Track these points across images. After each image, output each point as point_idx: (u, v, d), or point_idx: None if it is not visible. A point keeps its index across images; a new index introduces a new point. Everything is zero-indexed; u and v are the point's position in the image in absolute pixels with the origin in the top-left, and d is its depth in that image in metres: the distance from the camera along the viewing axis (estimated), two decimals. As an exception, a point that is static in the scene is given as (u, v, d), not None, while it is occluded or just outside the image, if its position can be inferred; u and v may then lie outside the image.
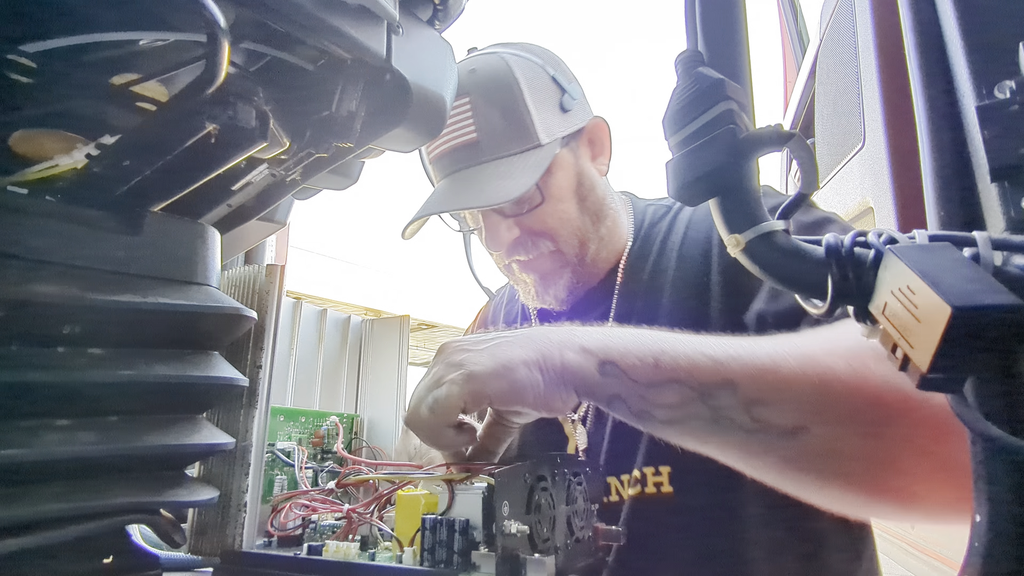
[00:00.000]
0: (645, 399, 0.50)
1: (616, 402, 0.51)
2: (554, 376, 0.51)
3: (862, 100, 0.98)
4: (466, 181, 0.76)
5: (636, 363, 0.50)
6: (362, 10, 0.43)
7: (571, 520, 0.53)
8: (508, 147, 0.76)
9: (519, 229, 0.79)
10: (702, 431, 0.49)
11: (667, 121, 0.38)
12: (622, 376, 0.50)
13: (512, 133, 0.76)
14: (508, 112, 0.76)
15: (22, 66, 0.40)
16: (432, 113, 0.51)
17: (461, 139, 0.77)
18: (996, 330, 0.27)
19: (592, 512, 0.57)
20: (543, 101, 0.78)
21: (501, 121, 0.76)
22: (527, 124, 0.76)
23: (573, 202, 0.80)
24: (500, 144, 0.76)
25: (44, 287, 0.40)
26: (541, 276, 0.82)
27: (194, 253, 0.49)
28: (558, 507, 0.51)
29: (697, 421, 0.48)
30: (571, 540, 0.52)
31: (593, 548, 0.55)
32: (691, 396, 0.48)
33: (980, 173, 0.34)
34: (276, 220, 0.70)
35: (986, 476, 0.31)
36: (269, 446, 0.67)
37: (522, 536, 0.44)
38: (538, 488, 0.49)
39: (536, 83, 0.78)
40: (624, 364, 0.51)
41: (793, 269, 0.34)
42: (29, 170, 0.45)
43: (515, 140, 0.76)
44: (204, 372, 0.48)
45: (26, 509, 0.39)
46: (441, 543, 0.44)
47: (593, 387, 0.51)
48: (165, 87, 0.47)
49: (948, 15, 0.36)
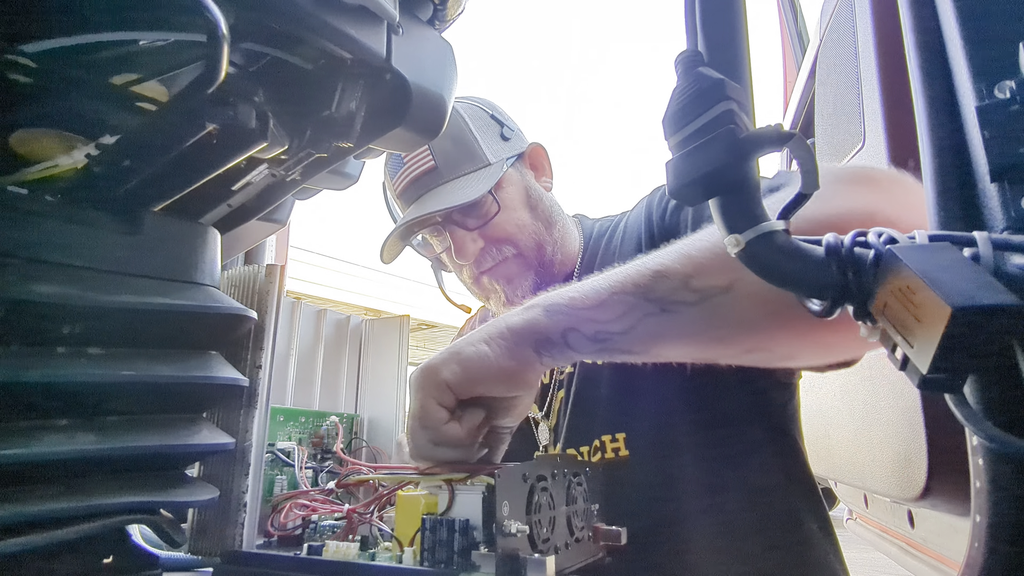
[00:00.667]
0: (596, 320, 0.53)
1: (572, 335, 0.54)
2: (503, 343, 0.55)
3: (862, 100, 0.98)
4: (429, 199, 0.90)
5: (576, 295, 0.55)
6: (362, 10, 0.43)
7: (571, 520, 0.53)
8: (462, 168, 0.91)
9: (483, 240, 0.93)
10: (658, 326, 0.53)
11: (667, 121, 0.38)
12: (568, 309, 0.54)
13: (464, 156, 0.92)
14: (458, 141, 0.92)
15: (22, 66, 0.40)
16: (432, 113, 0.51)
17: (421, 168, 0.92)
18: (996, 330, 0.27)
19: (592, 512, 0.57)
20: (485, 130, 0.95)
21: (453, 148, 0.92)
22: (475, 148, 0.93)
23: (525, 210, 0.94)
24: (455, 166, 0.91)
25: (44, 287, 0.40)
26: (507, 280, 0.93)
27: (194, 253, 0.49)
28: (558, 507, 0.51)
29: (650, 320, 0.52)
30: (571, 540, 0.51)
31: (593, 548, 0.55)
32: (634, 300, 0.52)
33: (980, 173, 0.34)
34: (276, 220, 0.70)
35: (986, 476, 0.31)
36: (269, 446, 0.67)
37: (522, 536, 0.44)
38: (538, 488, 0.49)
39: (478, 119, 0.95)
40: (566, 300, 0.55)
41: (793, 269, 0.34)
42: (29, 170, 0.45)
43: (467, 161, 0.92)
44: (204, 372, 0.48)
45: (26, 509, 0.39)
46: (441, 543, 0.44)
47: (545, 331, 0.54)
48: (165, 87, 0.47)
49: (948, 15, 0.37)
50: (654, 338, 0.54)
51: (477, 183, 0.89)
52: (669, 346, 0.55)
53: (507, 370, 0.54)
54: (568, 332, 0.54)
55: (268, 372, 0.57)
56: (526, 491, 0.48)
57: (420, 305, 7.41)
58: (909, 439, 0.64)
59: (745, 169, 0.35)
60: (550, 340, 0.55)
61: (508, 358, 0.54)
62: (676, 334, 0.54)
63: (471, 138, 0.93)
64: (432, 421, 0.53)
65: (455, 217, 0.91)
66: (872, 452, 0.77)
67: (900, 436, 0.67)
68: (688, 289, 0.51)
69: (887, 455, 0.72)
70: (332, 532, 0.58)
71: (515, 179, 0.95)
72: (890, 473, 0.71)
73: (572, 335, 0.54)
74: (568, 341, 0.54)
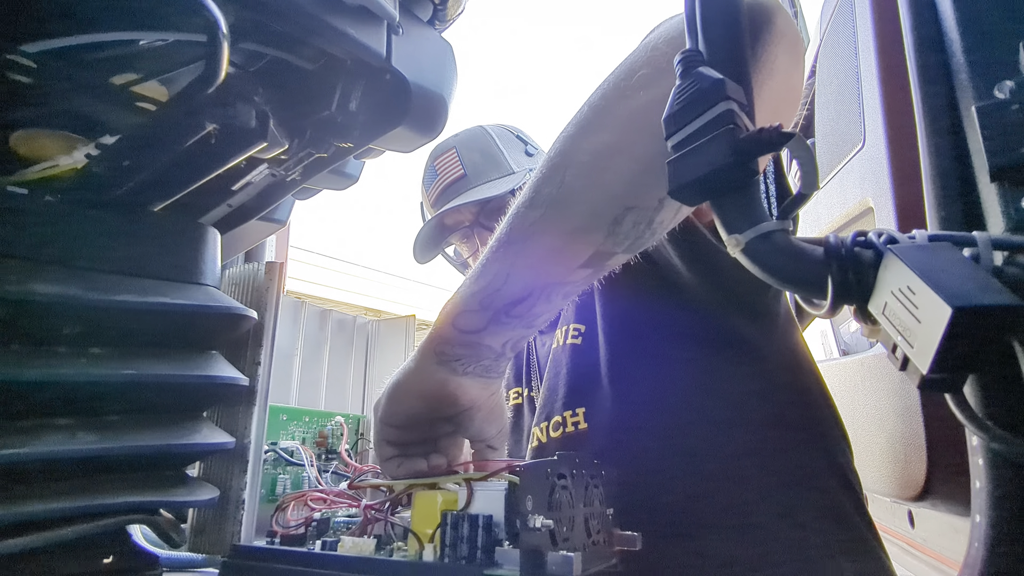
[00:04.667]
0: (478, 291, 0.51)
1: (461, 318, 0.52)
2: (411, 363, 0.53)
3: (862, 100, 0.98)
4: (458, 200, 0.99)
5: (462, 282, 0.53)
6: (362, 10, 0.43)
7: (588, 522, 0.52)
8: (489, 174, 1.01)
9: None
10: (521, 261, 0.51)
11: (667, 121, 0.38)
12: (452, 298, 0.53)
13: (490, 165, 1.02)
14: (485, 153, 1.03)
15: (22, 66, 0.40)
16: (432, 113, 0.51)
17: (452, 176, 1.02)
18: (996, 330, 0.27)
19: (607, 516, 0.56)
20: (510, 146, 1.05)
21: (481, 159, 1.02)
22: (500, 159, 1.02)
23: None
24: (482, 173, 1.01)
25: (45, 287, 0.40)
26: None
27: (194, 253, 0.49)
28: (576, 506, 0.50)
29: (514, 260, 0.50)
30: (588, 542, 0.51)
31: (608, 553, 0.54)
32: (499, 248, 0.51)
33: (980, 173, 0.34)
34: (276, 220, 0.70)
35: (986, 476, 0.31)
36: (272, 445, 0.67)
37: (546, 531, 0.44)
38: (558, 486, 0.49)
39: (503, 137, 1.07)
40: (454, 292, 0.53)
41: (793, 269, 0.34)
42: (29, 170, 0.45)
43: (493, 169, 1.01)
44: (204, 372, 0.48)
45: (26, 509, 0.39)
46: (463, 539, 0.44)
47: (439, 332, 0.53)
48: (165, 87, 0.47)
49: (948, 15, 0.37)
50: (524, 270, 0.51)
51: (502, 185, 0.98)
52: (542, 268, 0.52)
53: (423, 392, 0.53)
54: (457, 318, 0.52)
55: (267, 369, 0.57)
56: (548, 488, 0.47)
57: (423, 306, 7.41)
58: (909, 439, 0.64)
59: (745, 169, 0.35)
60: (444, 338, 0.52)
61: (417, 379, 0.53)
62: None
63: (497, 150, 1.03)
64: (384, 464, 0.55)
65: (482, 220, 0.98)
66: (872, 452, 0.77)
67: (900, 436, 0.67)
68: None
69: (887, 455, 0.72)
70: (347, 528, 0.57)
71: None
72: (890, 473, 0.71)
73: (461, 318, 0.52)
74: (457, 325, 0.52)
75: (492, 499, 0.46)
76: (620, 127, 0.49)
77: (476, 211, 0.99)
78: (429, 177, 1.05)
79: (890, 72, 0.90)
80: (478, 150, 1.03)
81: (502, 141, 1.05)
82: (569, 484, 0.50)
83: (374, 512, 0.54)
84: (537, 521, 0.43)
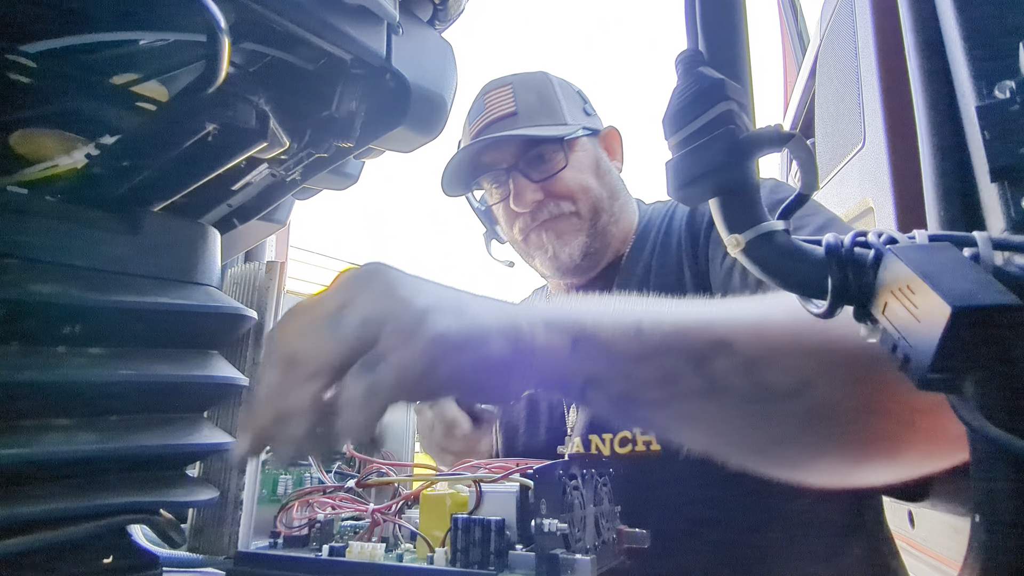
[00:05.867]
0: (629, 377, 0.41)
1: (593, 388, 0.42)
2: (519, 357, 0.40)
3: (862, 100, 0.98)
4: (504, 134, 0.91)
5: (615, 333, 0.41)
6: (362, 10, 0.43)
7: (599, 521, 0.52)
8: (540, 119, 0.92)
9: (543, 193, 0.92)
10: (695, 409, 0.43)
11: (667, 121, 0.38)
12: (600, 351, 0.41)
13: (544, 110, 0.93)
14: (542, 97, 0.94)
15: (22, 66, 0.40)
16: (432, 113, 0.51)
17: (501, 112, 0.94)
18: (996, 330, 0.27)
19: (615, 514, 0.56)
20: (570, 98, 0.97)
21: (536, 101, 0.94)
22: (556, 107, 0.94)
23: (592, 176, 0.94)
24: (534, 116, 0.93)
25: (44, 287, 0.40)
26: (558, 235, 0.93)
27: (194, 253, 0.49)
28: (587, 506, 0.50)
29: (690, 398, 0.41)
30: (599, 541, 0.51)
31: (617, 551, 0.54)
32: (683, 366, 0.41)
33: (980, 173, 0.34)
34: (276, 220, 0.70)
35: (986, 476, 0.31)
36: (271, 445, 0.66)
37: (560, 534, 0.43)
38: (570, 487, 0.48)
39: (564, 88, 0.98)
40: (602, 336, 0.41)
41: (793, 269, 0.34)
42: (29, 170, 0.45)
43: (546, 115, 0.93)
44: (204, 372, 0.48)
45: (26, 509, 0.39)
46: (475, 543, 0.43)
47: (564, 371, 0.42)
48: (165, 87, 0.47)
49: (948, 15, 0.36)
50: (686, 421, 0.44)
51: (553, 131, 0.91)
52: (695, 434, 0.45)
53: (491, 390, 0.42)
54: (590, 383, 0.42)
55: (268, 372, 0.57)
56: (560, 490, 0.47)
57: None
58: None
59: (745, 169, 0.35)
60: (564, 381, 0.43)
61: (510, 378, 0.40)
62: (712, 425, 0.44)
63: (555, 97, 0.95)
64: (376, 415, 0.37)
65: (521, 165, 0.91)
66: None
67: (900, 436, 0.67)
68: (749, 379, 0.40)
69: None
70: (355, 532, 0.56)
71: (588, 147, 0.96)
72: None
73: (593, 388, 0.42)
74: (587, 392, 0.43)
75: (503, 501, 0.45)
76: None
77: (517, 153, 0.91)
78: (475, 111, 0.97)
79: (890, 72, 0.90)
80: (535, 92, 0.95)
81: (562, 90, 0.97)
82: (580, 485, 0.50)
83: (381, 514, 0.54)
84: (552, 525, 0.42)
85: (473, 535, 0.43)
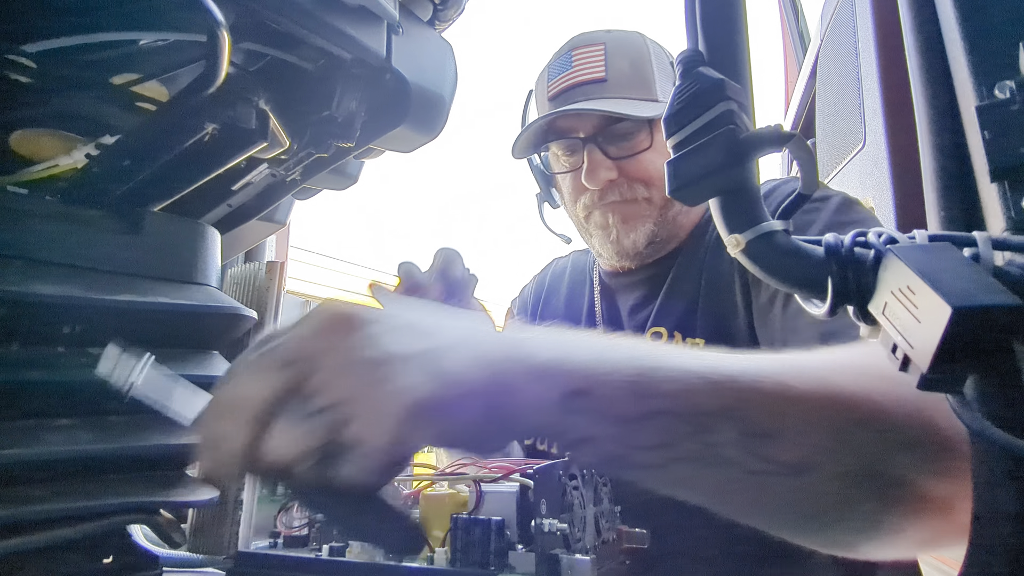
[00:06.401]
0: (623, 440, 0.38)
1: (584, 447, 0.39)
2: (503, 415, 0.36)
3: (862, 100, 0.98)
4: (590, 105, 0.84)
5: (613, 391, 0.37)
6: (362, 10, 0.43)
7: (599, 521, 0.52)
8: (630, 92, 0.85)
9: (617, 172, 0.86)
10: (688, 476, 0.39)
11: (667, 121, 0.38)
12: (594, 412, 0.37)
13: (636, 82, 0.86)
14: (636, 65, 0.87)
15: (22, 66, 0.40)
16: (432, 113, 0.51)
17: (590, 75, 0.86)
18: (996, 330, 0.27)
19: (615, 514, 0.56)
20: (663, 72, 0.89)
21: (629, 70, 0.86)
22: (650, 80, 0.86)
23: None
24: (624, 87, 0.85)
25: (44, 287, 0.40)
26: (624, 219, 0.88)
27: (194, 253, 0.49)
28: (587, 506, 0.50)
29: (685, 464, 0.38)
30: (599, 541, 0.51)
31: (617, 551, 0.54)
32: (682, 431, 0.37)
33: (980, 173, 0.34)
34: (276, 220, 0.70)
35: (986, 476, 0.31)
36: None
37: (560, 534, 0.43)
38: (570, 487, 0.48)
39: (660, 60, 0.89)
40: (597, 393, 0.37)
41: (793, 269, 0.34)
42: (29, 170, 0.45)
43: (637, 88, 0.86)
44: (204, 372, 0.48)
45: (26, 509, 0.39)
46: (474, 543, 0.43)
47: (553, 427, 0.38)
48: (165, 87, 0.47)
49: (948, 15, 0.36)
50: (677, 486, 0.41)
51: (642, 110, 0.83)
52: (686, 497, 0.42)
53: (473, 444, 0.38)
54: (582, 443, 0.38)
55: (268, 372, 0.57)
56: (560, 490, 0.47)
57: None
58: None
59: (745, 169, 0.35)
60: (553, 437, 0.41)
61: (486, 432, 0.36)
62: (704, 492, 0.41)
63: (649, 70, 0.87)
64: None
65: (600, 140, 0.85)
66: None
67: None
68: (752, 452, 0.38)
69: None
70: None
71: None
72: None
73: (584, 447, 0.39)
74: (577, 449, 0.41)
75: (503, 501, 0.45)
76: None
77: (599, 124, 0.85)
78: (559, 66, 0.88)
79: (890, 72, 0.90)
80: (629, 58, 0.86)
81: (657, 60, 0.88)
82: (580, 485, 0.50)
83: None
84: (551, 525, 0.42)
85: (473, 535, 0.43)
